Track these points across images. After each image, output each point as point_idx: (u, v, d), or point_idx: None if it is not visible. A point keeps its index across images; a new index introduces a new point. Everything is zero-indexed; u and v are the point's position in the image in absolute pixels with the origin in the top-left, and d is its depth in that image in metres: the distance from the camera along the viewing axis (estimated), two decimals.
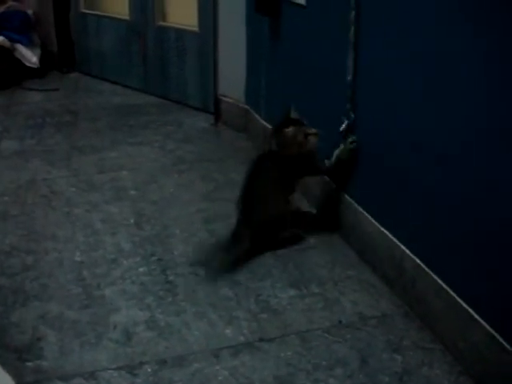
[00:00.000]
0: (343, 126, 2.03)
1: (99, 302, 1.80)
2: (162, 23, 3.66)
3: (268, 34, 2.71)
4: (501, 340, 1.41)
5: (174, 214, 2.32)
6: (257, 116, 2.96)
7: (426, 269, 1.68)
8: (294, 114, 2.08)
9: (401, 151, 1.78)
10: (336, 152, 2.06)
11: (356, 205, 2.04)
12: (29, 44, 4.16)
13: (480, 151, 1.45)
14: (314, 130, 2.04)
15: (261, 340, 1.65)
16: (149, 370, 1.54)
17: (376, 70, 1.88)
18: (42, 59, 4.18)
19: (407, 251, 1.76)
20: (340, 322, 1.73)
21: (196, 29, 3.40)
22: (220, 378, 1.51)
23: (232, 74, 3.16)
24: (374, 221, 1.94)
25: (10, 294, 1.82)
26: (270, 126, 2.76)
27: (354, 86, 2.00)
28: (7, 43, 4.02)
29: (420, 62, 1.65)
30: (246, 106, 3.11)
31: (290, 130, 2.03)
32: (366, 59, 1.93)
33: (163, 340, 1.64)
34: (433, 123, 1.61)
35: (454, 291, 1.57)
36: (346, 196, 2.10)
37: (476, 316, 1.49)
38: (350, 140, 2.03)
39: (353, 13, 1.93)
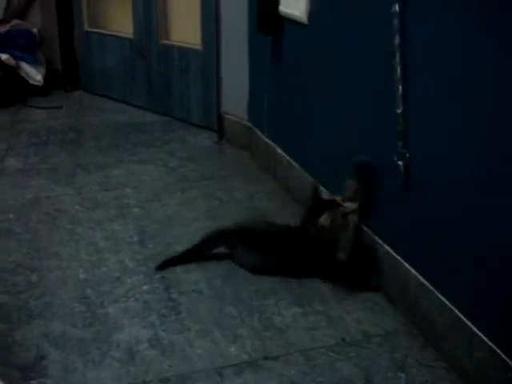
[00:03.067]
0: None
1: (103, 320, 1.80)
2: (165, 42, 3.68)
3: (270, 52, 2.73)
4: (504, 357, 1.41)
5: (177, 232, 2.32)
6: (260, 134, 2.97)
7: (430, 286, 1.68)
8: (322, 193, 1.96)
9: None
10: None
11: (360, 224, 2.04)
12: (33, 62, 4.18)
13: (482, 173, 1.46)
14: (352, 206, 1.85)
15: (265, 358, 1.65)
16: None
17: None
18: (46, 77, 4.20)
19: (411, 269, 1.76)
20: (344, 340, 1.72)
21: (199, 47, 3.42)
22: None
23: (235, 92, 3.18)
24: (377, 238, 1.94)
25: (14, 312, 1.83)
26: (272, 144, 2.79)
27: None
28: (12, 61, 4.04)
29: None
30: (249, 124, 3.12)
31: (324, 218, 1.85)
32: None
33: (166, 358, 1.64)
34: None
35: (457, 309, 1.57)
36: None
37: (480, 334, 1.49)
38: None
39: None
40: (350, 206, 1.87)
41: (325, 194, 1.98)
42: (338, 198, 1.90)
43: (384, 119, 1.82)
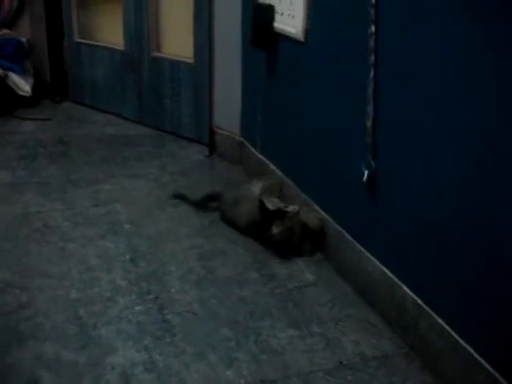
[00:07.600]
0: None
1: (96, 342, 1.76)
2: (156, 54, 3.66)
3: (264, 68, 2.72)
4: (502, 381, 1.40)
5: (170, 250, 2.29)
6: (252, 149, 2.95)
7: (428, 309, 1.67)
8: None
9: (400, 191, 1.78)
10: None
11: (356, 243, 2.03)
12: (22, 72, 4.14)
13: (481, 190, 1.45)
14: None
15: (261, 382, 1.62)
16: None
17: None
18: (34, 88, 4.16)
19: (408, 291, 1.75)
20: (341, 362, 1.71)
21: (191, 60, 3.40)
22: None
23: (227, 106, 3.16)
24: (374, 259, 1.92)
25: (6, 334, 1.79)
26: (265, 159, 2.77)
27: None
28: (0, 71, 4.00)
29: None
30: (241, 139, 3.11)
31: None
32: None
33: (162, 383, 1.61)
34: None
35: (455, 332, 1.57)
36: (347, 234, 2.09)
37: (477, 357, 1.48)
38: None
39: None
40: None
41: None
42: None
43: None
